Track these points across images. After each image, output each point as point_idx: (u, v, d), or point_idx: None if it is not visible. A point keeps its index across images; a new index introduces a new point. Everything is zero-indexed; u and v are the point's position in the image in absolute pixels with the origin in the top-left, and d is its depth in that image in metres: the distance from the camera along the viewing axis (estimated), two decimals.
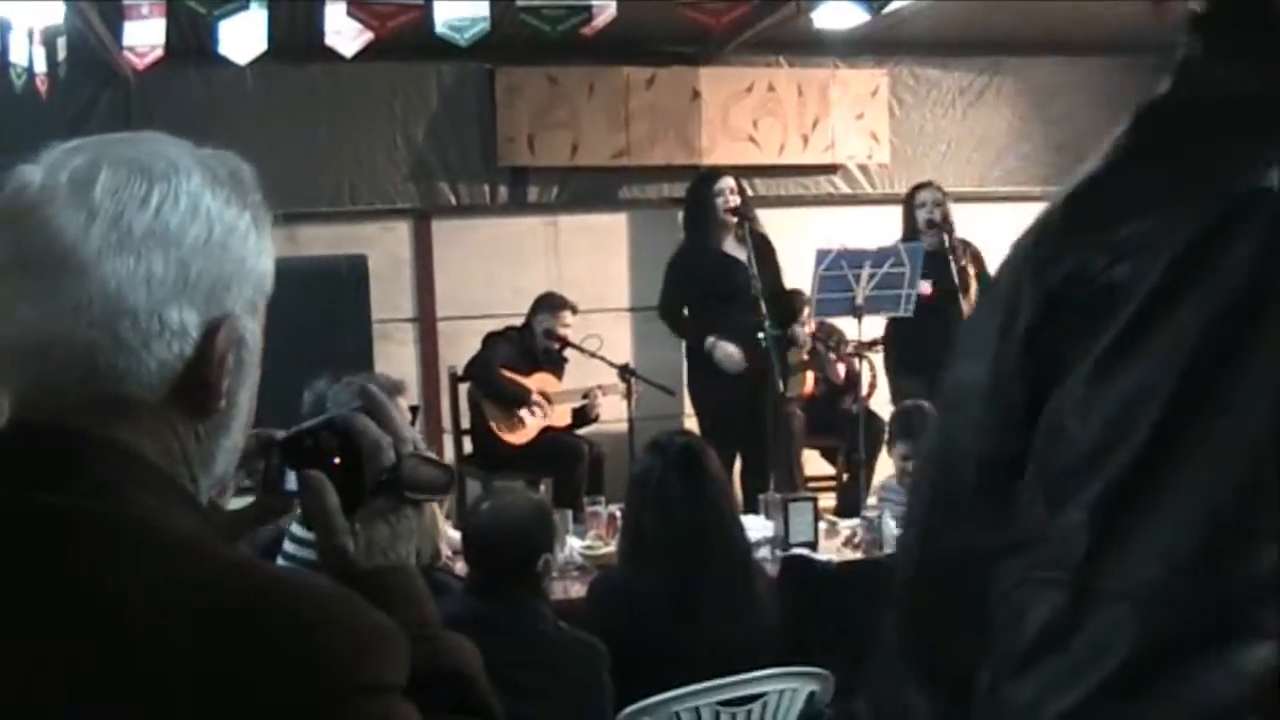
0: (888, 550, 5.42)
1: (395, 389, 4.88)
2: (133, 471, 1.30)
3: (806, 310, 8.24)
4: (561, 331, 8.25)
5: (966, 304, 7.82)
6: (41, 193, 1.30)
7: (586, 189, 9.42)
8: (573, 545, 5.50)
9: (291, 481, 1.53)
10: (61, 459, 1.28)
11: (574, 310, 8.34)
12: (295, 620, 1.25)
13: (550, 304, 8.33)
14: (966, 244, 7.85)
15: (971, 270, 7.77)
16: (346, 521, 1.48)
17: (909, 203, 8.13)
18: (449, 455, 8.16)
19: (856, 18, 5.29)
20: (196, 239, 1.32)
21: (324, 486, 1.48)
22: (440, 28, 4.91)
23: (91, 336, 1.28)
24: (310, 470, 1.50)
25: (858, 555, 5.49)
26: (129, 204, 1.30)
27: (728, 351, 7.52)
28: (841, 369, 8.52)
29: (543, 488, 7.76)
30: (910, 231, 7.93)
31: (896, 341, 7.72)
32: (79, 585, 1.22)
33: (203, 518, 1.37)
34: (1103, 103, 10.37)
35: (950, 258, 7.84)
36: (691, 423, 8.05)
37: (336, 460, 1.51)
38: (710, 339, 7.56)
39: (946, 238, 7.94)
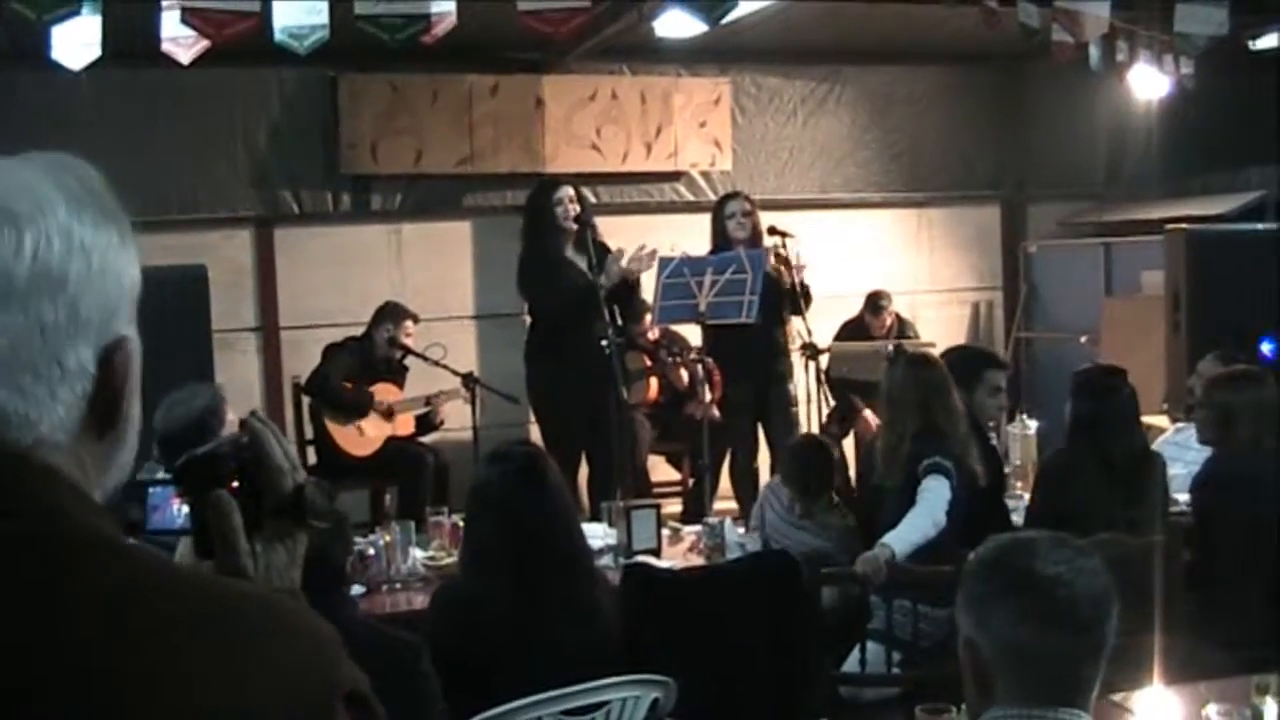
0: (730, 556, 5.45)
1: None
2: (69, 495, 1.31)
3: (648, 316, 8.29)
4: (404, 341, 8.21)
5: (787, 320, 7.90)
6: None
7: (430, 196, 9.38)
8: (415, 556, 5.46)
9: (157, 521, 1.53)
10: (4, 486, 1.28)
11: (416, 320, 8.31)
12: (270, 627, 1.28)
13: (392, 314, 8.28)
14: (778, 253, 7.87)
15: (787, 279, 7.78)
16: (248, 544, 1.49)
17: (717, 213, 8.13)
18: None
19: (697, 27, 5.31)
20: (79, 275, 1.32)
21: (231, 508, 1.49)
22: (279, 35, 4.84)
23: None
24: (217, 491, 1.50)
25: (700, 561, 5.52)
26: (4, 257, 1.28)
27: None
28: (685, 375, 8.56)
29: (388, 498, 7.72)
30: (719, 243, 7.94)
31: (716, 351, 7.75)
32: (50, 605, 1.22)
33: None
34: (938, 110, 10.59)
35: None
36: (538, 430, 8.03)
37: (234, 484, 1.51)
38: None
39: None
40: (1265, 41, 7.57)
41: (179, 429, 4.49)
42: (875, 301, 9.47)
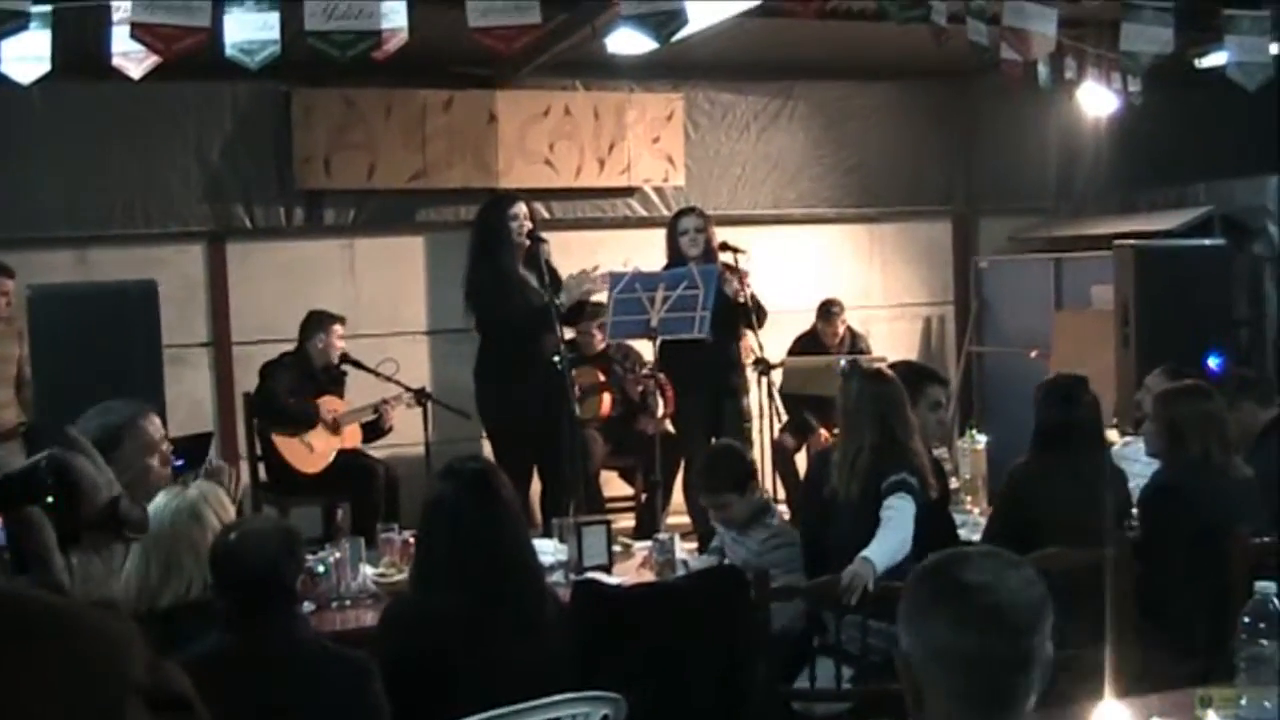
0: (680, 573, 5.44)
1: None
2: None
3: (598, 335, 8.32)
4: (337, 344, 8.20)
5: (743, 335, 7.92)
6: None
7: (383, 211, 9.36)
8: (366, 572, 5.44)
9: None
10: None
11: (342, 322, 8.28)
12: (54, 630, 1.29)
13: (318, 322, 8.28)
14: (731, 268, 7.89)
15: (740, 294, 7.79)
16: (63, 558, 1.50)
17: (671, 229, 8.13)
18: (245, 481, 8.01)
19: (649, 43, 5.32)
20: None
21: (44, 523, 1.50)
22: (230, 50, 4.80)
23: None
24: (30, 507, 1.50)
25: (650, 577, 5.51)
26: None
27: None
28: (639, 389, 8.57)
29: (339, 513, 7.68)
30: (674, 258, 7.94)
31: (669, 366, 7.75)
32: None
33: None
34: (890, 126, 10.64)
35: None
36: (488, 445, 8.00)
37: (50, 499, 1.51)
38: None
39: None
40: (1211, 60, 7.62)
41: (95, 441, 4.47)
42: (827, 309, 9.51)
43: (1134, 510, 5.64)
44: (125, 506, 1.43)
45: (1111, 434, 7.27)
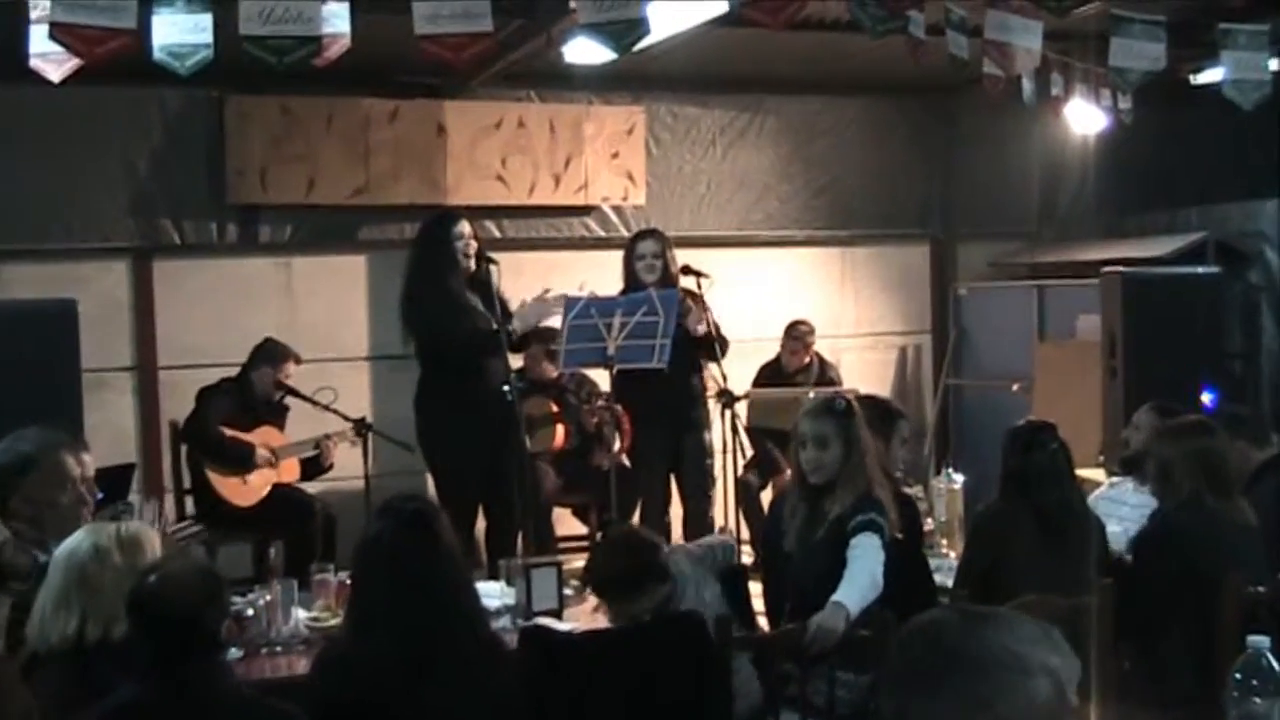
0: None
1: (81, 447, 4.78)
2: None
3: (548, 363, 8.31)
4: (285, 382, 8.15)
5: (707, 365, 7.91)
6: None
7: (323, 228, 9.32)
8: (298, 616, 5.40)
9: None
10: None
11: (298, 360, 8.24)
12: None
13: (271, 354, 8.22)
14: (693, 293, 7.88)
15: (703, 322, 7.78)
16: None
17: (629, 253, 8.13)
18: (170, 516, 7.95)
19: (608, 53, 5.31)
20: None
21: None
22: (158, 54, 4.76)
23: None
24: None
25: (604, 623, 5.47)
26: None
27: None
28: (594, 421, 8.55)
29: (272, 552, 7.63)
30: (630, 284, 7.93)
31: (626, 397, 7.73)
32: None
33: None
34: (865, 143, 10.68)
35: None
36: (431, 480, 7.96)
37: None
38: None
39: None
40: (1206, 76, 7.67)
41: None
42: (794, 330, 9.50)
43: (1122, 555, 5.66)
44: (8, 555, 1.40)
45: (1097, 474, 7.29)
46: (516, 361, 8.06)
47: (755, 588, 5.72)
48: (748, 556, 8.05)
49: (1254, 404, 9.10)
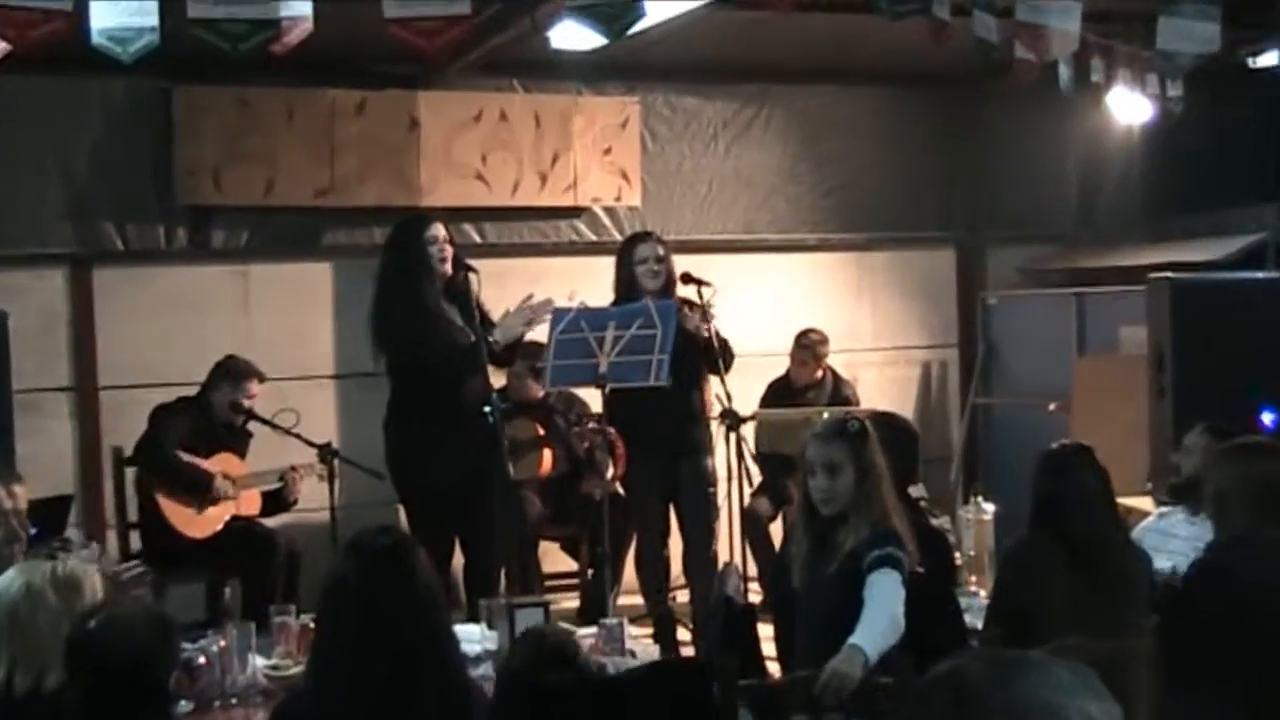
0: (631, 663, 5.39)
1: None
2: None
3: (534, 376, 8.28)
4: (247, 404, 8.13)
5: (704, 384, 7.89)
6: None
7: (283, 233, 9.31)
8: (256, 664, 5.38)
9: None
10: None
11: (261, 379, 8.23)
12: None
13: (232, 373, 8.20)
14: (692, 303, 7.87)
15: (704, 334, 7.76)
16: None
17: (625, 258, 8.08)
18: (113, 553, 7.92)
19: (597, 39, 5.31)
20: None
21: None
22: (97, 38, 4.75)
23: None
24: None
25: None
26: None
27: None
28: (584, 445, 8.53)
29: (228, 592, 7.62)
30: (627, 292, 7.90)
31: (619, 419, 7.71)
32: None
33: None
34: (882, 138, 10.67)
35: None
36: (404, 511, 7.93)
37: None
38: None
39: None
40: (1266, 59, 7.66)
41: None
42: (805, 339, 9.48)
43: (1170, 578, 5.64)
44: None
45: (1144, 503, 7.27)
46: (499, 379, 8.04)
47: (766, 629, 5.71)
48: (756, 594, 8.05)
49: None
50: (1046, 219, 11.09)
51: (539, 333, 7.57)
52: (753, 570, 8.27)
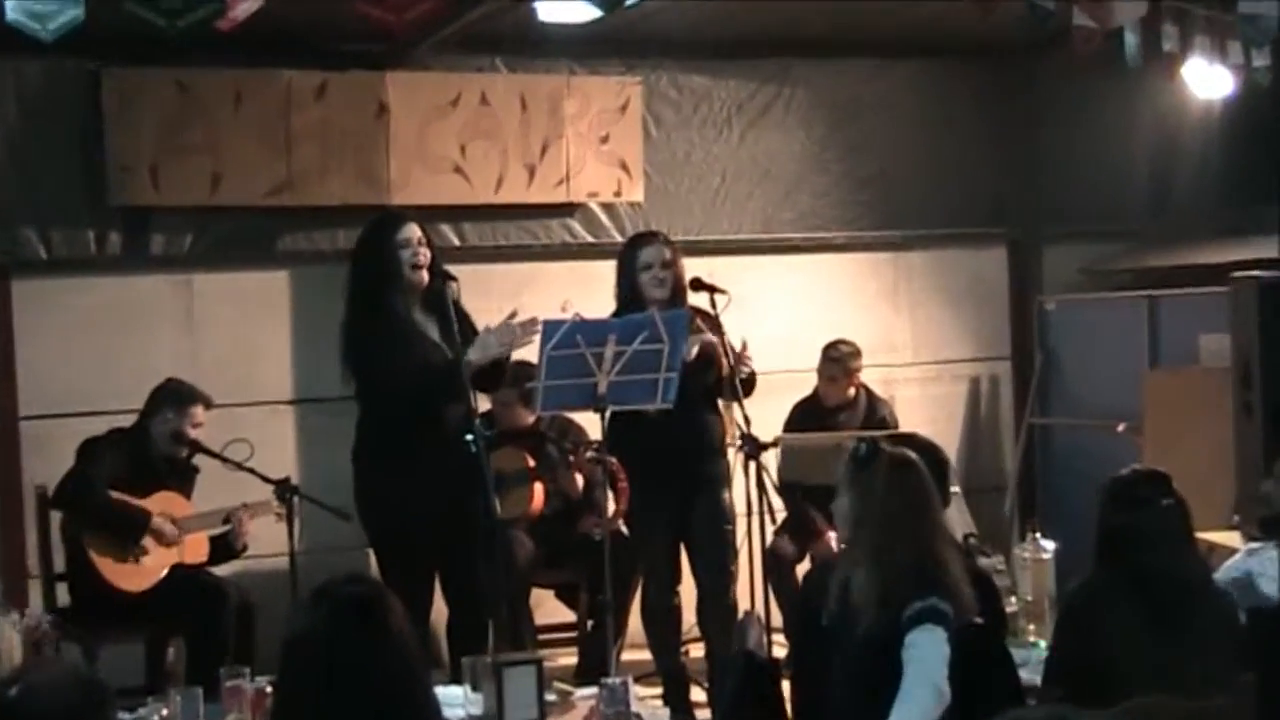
0: None
1: None
2: None
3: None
4: (192, 434, 8.12)
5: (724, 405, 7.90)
6: None
7: (232, 237, 9.32)
8: None
9: None
10: None
11: (208, 405, 8.22)
12: None
13: (175, 398, 8.20)
14: (704, 313, 7.88)
15: (719, 351, 7.77)
16: None
17: (627, 263, 8.09)
18: (37, 608, 7.91)
19: (592, 10, 5.32)
20: None
21: None
22: (11, 14, 4.76)
23: None
24: None
25: None
26: None
27: None
28: (580, 479, 8.53)
29: (171, 652, 7.62)
30: (629, 301, 7.89)
31: (622, 446, 7.70)
32: None
33: None
34: (922, 121, 10.67)
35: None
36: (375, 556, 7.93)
37: None
38: None
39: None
40: None
41: None
42: (832, 351, 9.46)
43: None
44: None
45: (1230, 538, 7.27)
46: (483, 403, 8.04)
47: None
48: (780, 648, 8.05)
49: None
50: (1113, 211, 11.10)
51: (528, 351, 7.55)
52: (777, 619, 8.28)
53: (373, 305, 7.43)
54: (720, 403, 8.05)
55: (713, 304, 7.85)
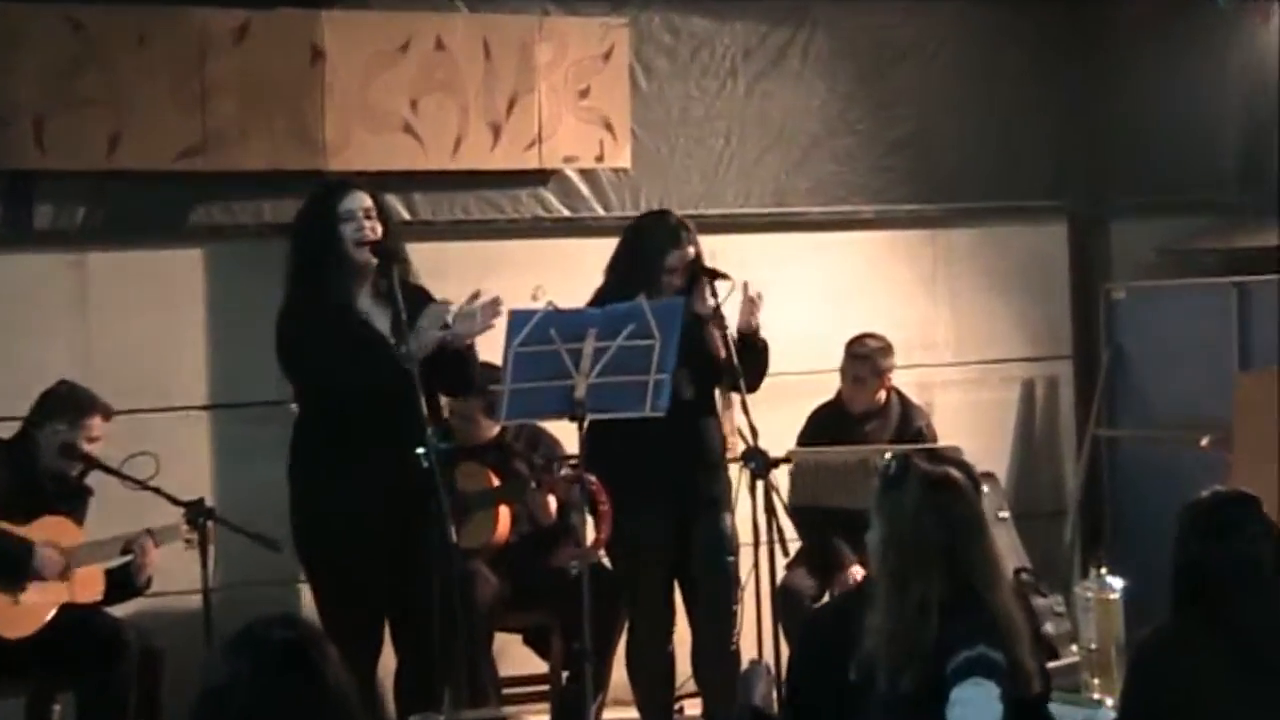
0: None
1: None
2: None
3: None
4: (87, 448, 8.13)
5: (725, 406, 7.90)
6: None
7: (135, 208, 9.31)
8: None
9: None
10: None
11: (107, 414, 8.21)
12: None
13: (65, 405, 8.20)
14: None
15: (721, 347, 7.80)
16: None
17: (646, 251, 8.10)
18: None
19: None
20: None
21: None
22: None
23: None
24: None
25: None
26: None
27: None
28: (553, 502, 8.54)
29: (57, 710, 7.64)
30: (645, 281, 7.89)
31: (607, 460, 7.70)
32: None
33: None
34: (964, 74, 10.67)
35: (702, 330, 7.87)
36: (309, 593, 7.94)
37: None
38: None
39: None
40: None
41: None
42: (858, 347, 9.45)
43: None
44: None
45: None
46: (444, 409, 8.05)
47: None
48: None
49: None
50: (1195, 182, 11.11)
51: (492, 348, 7.54)
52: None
53: (309, 293, 7.41)
54: (719, 403, 8.05)
55: (714, 292, 7.86)
